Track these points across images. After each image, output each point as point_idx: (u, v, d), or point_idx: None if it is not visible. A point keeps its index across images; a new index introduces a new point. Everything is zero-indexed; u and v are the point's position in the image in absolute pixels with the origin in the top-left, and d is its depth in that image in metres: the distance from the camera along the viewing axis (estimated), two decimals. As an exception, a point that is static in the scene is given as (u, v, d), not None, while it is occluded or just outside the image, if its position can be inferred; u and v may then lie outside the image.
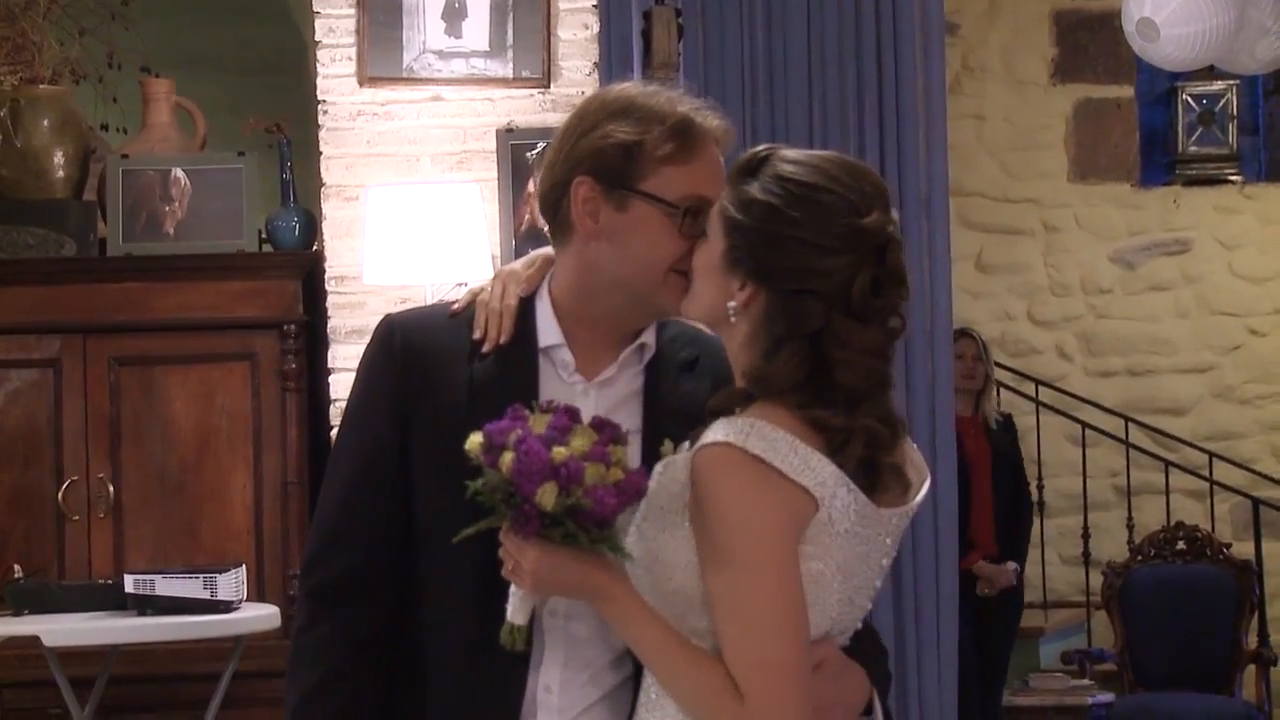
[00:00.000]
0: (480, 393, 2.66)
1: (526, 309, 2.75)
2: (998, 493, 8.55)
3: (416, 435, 2.69)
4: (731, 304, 2.52)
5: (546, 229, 2.81)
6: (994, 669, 8.54)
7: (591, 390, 2.70)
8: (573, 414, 2.48)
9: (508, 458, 2.40)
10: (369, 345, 2.81)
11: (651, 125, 2.55)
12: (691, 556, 2.42)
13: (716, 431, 2.38)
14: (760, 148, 2.64)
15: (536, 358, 2.69)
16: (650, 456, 2.61)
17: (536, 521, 2.44)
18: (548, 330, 2.71)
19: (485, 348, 2.68)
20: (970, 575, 8.09)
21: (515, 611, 2.57)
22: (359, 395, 2.81)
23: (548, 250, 2.82)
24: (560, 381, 2.70)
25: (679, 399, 2.72)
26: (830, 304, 2.48)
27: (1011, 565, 8.39)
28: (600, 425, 2.49)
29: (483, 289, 2.78)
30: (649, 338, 2.75)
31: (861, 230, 2.49)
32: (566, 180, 2.60)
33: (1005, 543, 8.44)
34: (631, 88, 2.72)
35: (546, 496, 2.38)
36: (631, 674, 2.64)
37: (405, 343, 2.75)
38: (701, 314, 2.69)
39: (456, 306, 2.84)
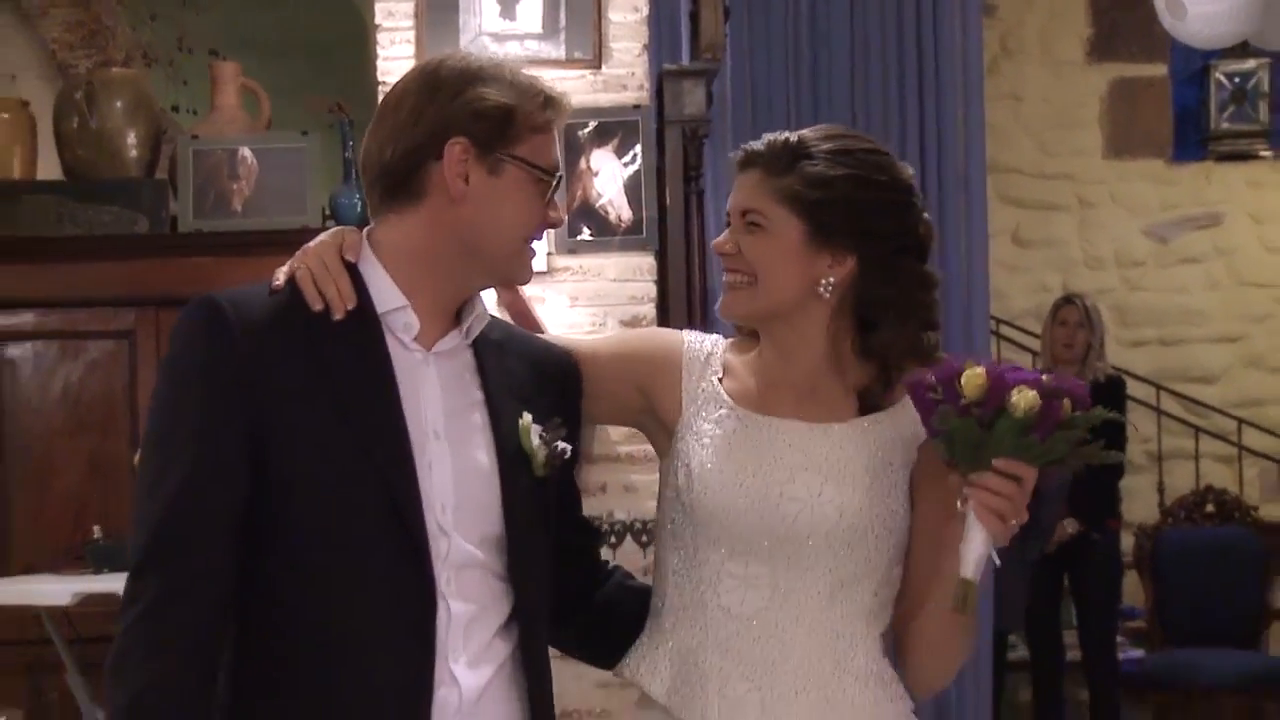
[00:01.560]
0: (325, 363, 2.57)
1: (354, 275, 2.68)
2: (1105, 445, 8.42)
3: (270, 421, 2.55)
4: (828, 280, 2.57)
5: (371, 203, 2.67)
6: (1099, 629, 8.55)
7: (431, 360, 2.64)
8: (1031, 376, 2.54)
9: (1029, 394, 2.47)
10: (191, 323, 2.56)
11: (525, 93, 2.53)
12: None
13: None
14: (777, 136, 2.70)
15: (379, 323, 2.60)
16: (498, 429, 2.65)
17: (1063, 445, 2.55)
18: (386, 294, 2.61)
19: (336, 315, 2.55)
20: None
21: (974, 568, 2.59)
22: (185, 376, 2.56)
23: (343, 227, 2.75)
24: (401, 349, 2.63)
25: (503, 375, 2.69)
26: (917, 255, 2.64)
27: (1073, 523, 8.28)
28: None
29: (294, 266, 2.62)
30: (481, 309, 2.72)
31: (911, 179, 2.64)
32: (430, 143, 2.53)
33: (1078, 503, 8.30)
34: (471, 57, 2.68)
35: (1068, 413, 2.47)
36: (510, 655, 2.65)
37: (239, 317, 2.56)
38: (780, 301, 2.68)
39: (277, 284, 2.65)
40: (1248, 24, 7.27)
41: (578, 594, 2.83)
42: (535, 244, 2.74)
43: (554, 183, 2.60)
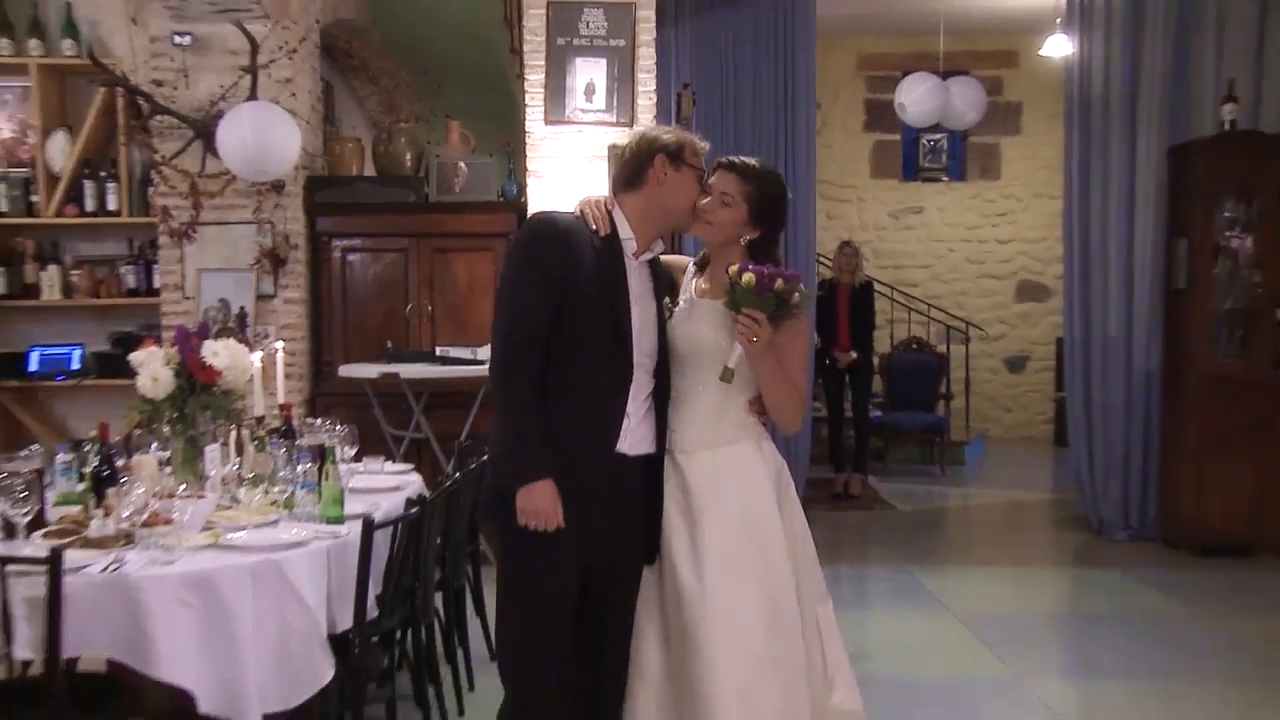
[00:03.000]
0: (597, 256, 3.42)
1: (612, 216, 3.46)
2: (853, 317, 10.40)
3: (569, 279, 3.37)
4: (746, 237, 3.61)
5: (616, 186, 3.56)
6: (860, 404, 10.63)
7: (634, 264, 3.50)
8: (767, 269, 3.44)
9: (749, 276, 3.43)
10: (535, 226, 3.52)
11: (686, 140, 3.49)
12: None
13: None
14: (738, 160, 3.67)
15: (619, 243, 3.43)
16: (656, 299, 3.58)
17: (771, 303, 3.41)
18: (624, 230, 3.46)
19: (601, 232, 3.43)
20: (833, 357, 10.28)
21: (735, 360, 3.51)
22: (531, 254, 3.43)
23: (599, 194, 3.57)
24: (628, 256, 3.49)
25: (658, 276, 3.60)
26: (781, 228, 3.68)
27: (853, 353, 10.30)
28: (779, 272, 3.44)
29: (582, 206, 3.50)
30: (660, 243, 3.53)
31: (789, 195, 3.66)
32: (648, 157, 3.44)
33: (853, 342, 10.38)
34: (662, 127, 3.63)
35: (783, 288, 3.39)
36: (651, 405, 3.58)
37: (563, 226, 3.45)
38: (722, 238, 3.64)
39: (574, 214, 3.56)
40: (938, 116, 10.29)
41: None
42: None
43: (704, 175, 3.47)
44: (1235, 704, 5.28)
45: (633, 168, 3.44)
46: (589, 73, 7.22)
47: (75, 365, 7.76)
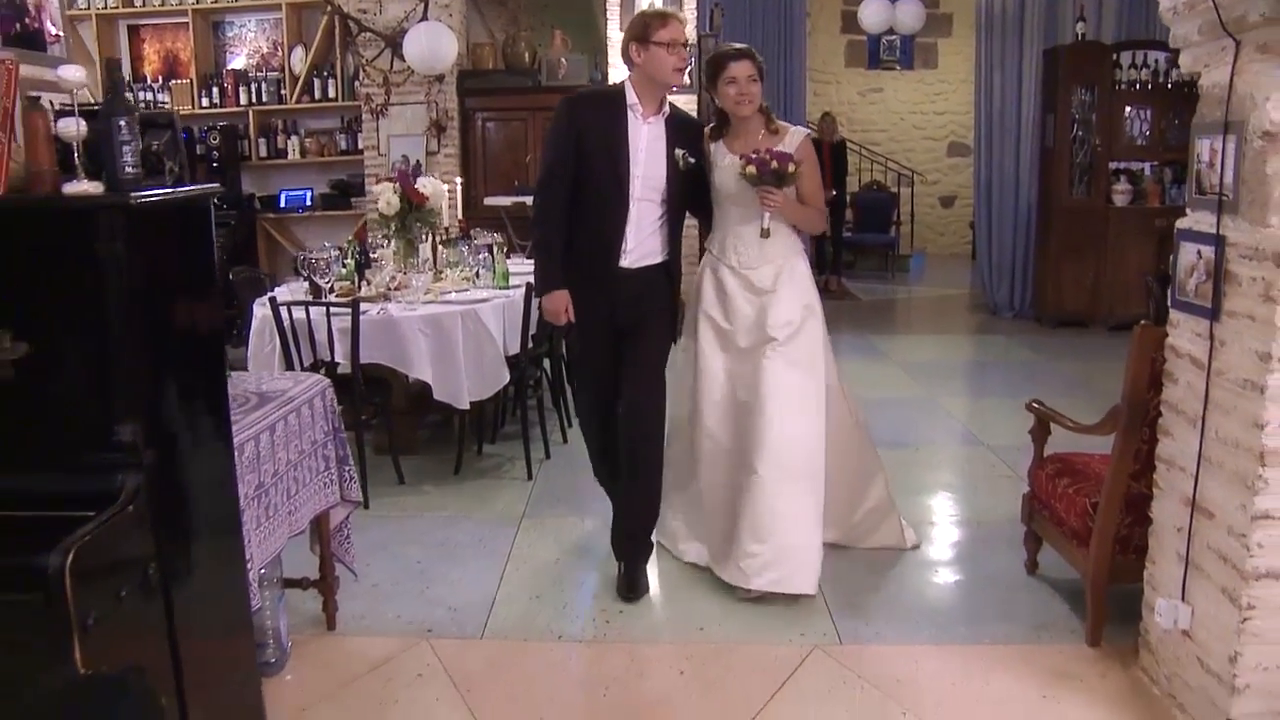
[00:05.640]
0: (605, 119, 3.38)
1: (624, 88, 3.41)
2: (833, 166, 10.39)
3: (585, 138, 3.35)
4: (762, 103, 3.50)
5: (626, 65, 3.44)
6: (837, 227, 10.79)
7: (644, 125, 3.39)
8: (762, 156, 3.31)
9: (751, 169, 3.36)
10: (562, 102, 3.45)
11: (647, 24, 3.33)
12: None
13: (798, 134, 3.49)
14: (743, 46, 3.52)
15: (627, 108, 3.38)
16: (669, 151, 3.40)
17: (774, 180, 3.35)
18: (631, 98, 3.38)
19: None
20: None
21: (767, 221, 3.42)
22: (559, 121, 3.41)
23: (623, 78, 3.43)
24: (637, 118, 3.38)
25: (673, 130, 3.42)
26: None
27: (833, 191, 10.02)
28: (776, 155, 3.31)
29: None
30: (667, 107, 3.43)
31: None
32: (626, 46, 3.38)
33: (832, 183, 10.13)
34: (639, 14, 3.49)
35: (777, 169, 3.34)
36: (659, 227, 3.46)
37: (580, 100, 3.48)
38: (753, 109, 3.50)
39: (597, 92, 3.86)
40: (885, 26, 9.81)
41: (694, 206, 3.63)
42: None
43: (671, 45, 3.30)
44: (1062, 408, 5.99)
45: (624, 56, 3.41)
46: (649, -1, 7.28)
47: (308, 202, 8.47)
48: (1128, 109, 8.38)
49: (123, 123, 1.92)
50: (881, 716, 2.90)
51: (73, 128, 1.93)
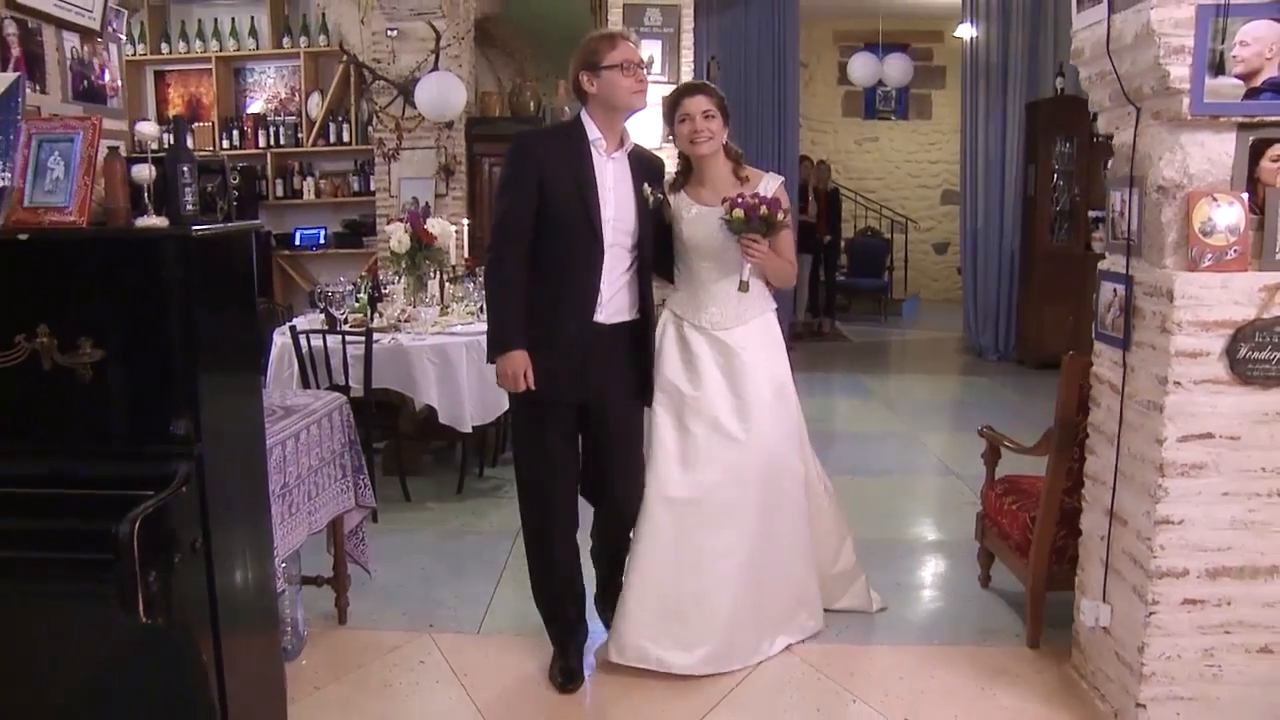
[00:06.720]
0: (568, 157, 3.03)
1: (581, 122, 3.09)
2: (828, 212, 10.94)
3: (547, 180, 3.00)
4: (726, 142, 3.29)
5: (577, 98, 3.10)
6: (831, 271, 11.19)
7: (608, 161, 3.08)
8: (749, 200, 3.09)
9: (739, 213, 3.13)
10: (513, 142, 3.09)
11: (596, 49, 3.04)
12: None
13: (772, 180, 3.27)
14: (697, 81, 3.81)
15: (589, 144, 3.06)
16: (635, 187, 3.11)
17: (762, 228, 3.12)
18: (593, 133, 3.07)
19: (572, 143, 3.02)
20: (815, 233, 10.46)
21: (747, 274, 3.19)
22: (517, 163, 3.03)
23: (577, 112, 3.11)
24: (600, 154, 3.08)
25: (637, 166, 3.15)
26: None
27: (828, 236, 10.80)
28: (763, 200, 3.11)
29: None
30: (630, 141, 3.10)
31: None
32: (575, 77, 3.06)
33: (827, 229, 10.88)
34: (589, 37, 3.09)
35: (766, 214, 3.11)
36: (631, 278, 3.12)
37: (534, 138, 3.26)
38: (713, 148, 3.27)
39: (554, 128, 3.52)
40: (873, 79, 10.18)
41: (662, 253, 3.29)
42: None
43: (624, 67, 2.97)
44: (1032, 440, 6.20)
45: (575, 89, 3.07)
46: (649, 50, 7.32)
47: (321, 240, 8.61)
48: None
49: (184, 169, 2.31)
50: (834, 704, 3.20)
51: (144, 172, 2.31)
